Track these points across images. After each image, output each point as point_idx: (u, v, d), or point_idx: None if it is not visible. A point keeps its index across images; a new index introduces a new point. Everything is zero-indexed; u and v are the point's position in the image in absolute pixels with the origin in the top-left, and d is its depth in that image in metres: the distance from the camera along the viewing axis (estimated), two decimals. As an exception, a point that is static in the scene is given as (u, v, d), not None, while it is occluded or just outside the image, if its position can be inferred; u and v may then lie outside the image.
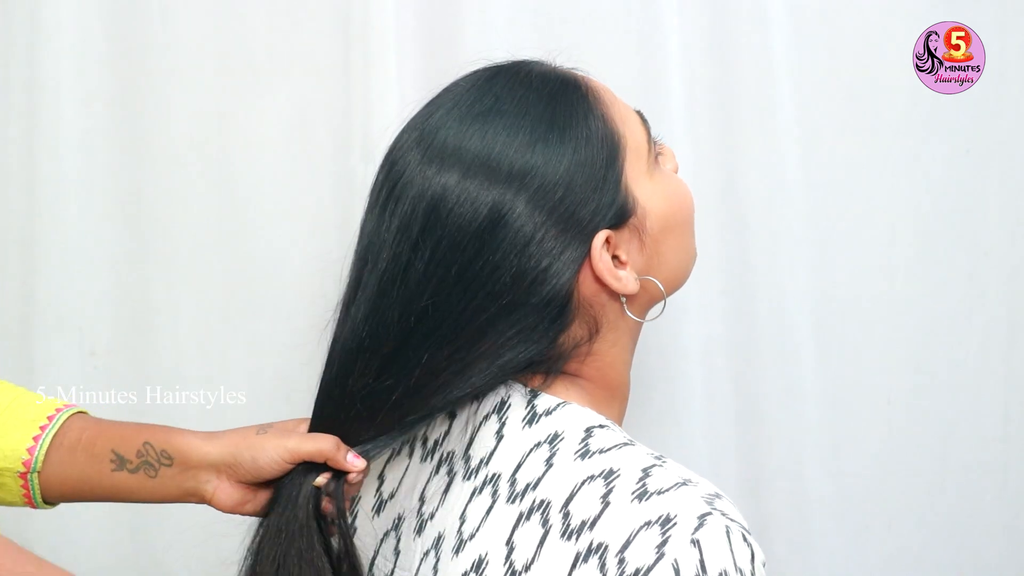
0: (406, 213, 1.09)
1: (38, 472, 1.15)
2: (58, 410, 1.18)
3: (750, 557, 0.97)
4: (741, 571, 0.96)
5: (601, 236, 1.09)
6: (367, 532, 1.20)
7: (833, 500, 1.67)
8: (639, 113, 1.18)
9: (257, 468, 1.13)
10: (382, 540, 1.18)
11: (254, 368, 1.63)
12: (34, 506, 1.18)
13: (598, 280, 1.10)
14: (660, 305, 1.17)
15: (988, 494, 1.70)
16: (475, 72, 1.16)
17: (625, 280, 1.11)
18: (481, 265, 1.07)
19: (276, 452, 1.12)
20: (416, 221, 1.08)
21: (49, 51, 1.58)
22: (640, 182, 1.13)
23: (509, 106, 1.11)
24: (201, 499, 1.16)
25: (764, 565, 0.99)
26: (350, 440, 1.13)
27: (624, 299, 1.13)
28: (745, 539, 0.98)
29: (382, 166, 1.14)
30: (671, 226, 1.16)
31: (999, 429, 1.69)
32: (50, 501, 1.18)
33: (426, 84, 1.54)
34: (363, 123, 1.60)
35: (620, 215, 1.11)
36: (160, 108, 1.60)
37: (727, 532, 0.97)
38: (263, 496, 1.15)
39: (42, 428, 1.16)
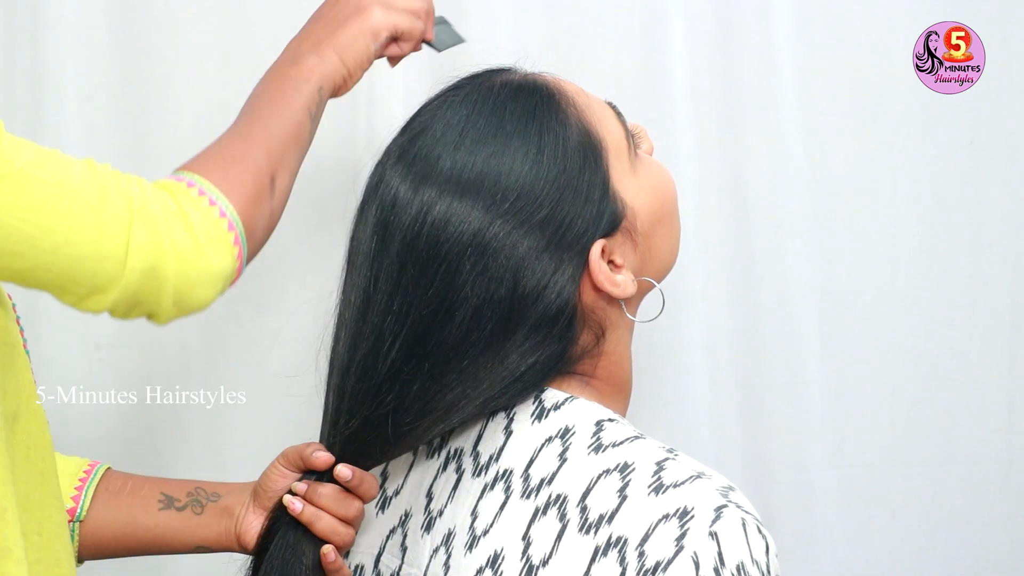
0: (393, 239, 1.09)
1: (80, 521, 1.20)
2: (92, 464, 1.23)
3: (765, 549, 0.99)
4: (757, 563, 0.98)
5: (597, 247, 1.09)
6: (371, 528, 1.20)
7: (837, 491, 1.68)
8: (611, 105, 1.17)
9: (266, 482, 1.19)
10: (388, 537, 1.18)
11: (255, 366, 1.63)
12: None
13: (597, 288, 1.11)
14: (659, 302, 1.16)
15: (992, 485, 1.71)
16: (445, 92, 1.15)
17: (623, 284, 1.11)
18: (467, 288, 1.07)
19: (273, 465, 1.19)
20: (405, 249, 1.09)
21: (52, 45, 1.57)
22: (625, 182, 1.13)
23: (486, 128, 1.09)
24: (233, 537, 1.20)
25: (777, 556, 1.00)
26: (369, 462, 1.15)
27: (623, 300, 1.13)
28: (760, 531, 0.99)
29: (367, 184, 1.14)
30: (660, 218, 1.15)
31: (1003, 420, 1.70)
32: (82, 557, 1.22)
33: (430, 77, 1.54)
34: (368, 117, 1.60)
35: (612, 222, 1.11)
36: (164, 103, 1.60)
37: (743, 524, 0.98)
38: None
39: (82, 480, 1.21)
